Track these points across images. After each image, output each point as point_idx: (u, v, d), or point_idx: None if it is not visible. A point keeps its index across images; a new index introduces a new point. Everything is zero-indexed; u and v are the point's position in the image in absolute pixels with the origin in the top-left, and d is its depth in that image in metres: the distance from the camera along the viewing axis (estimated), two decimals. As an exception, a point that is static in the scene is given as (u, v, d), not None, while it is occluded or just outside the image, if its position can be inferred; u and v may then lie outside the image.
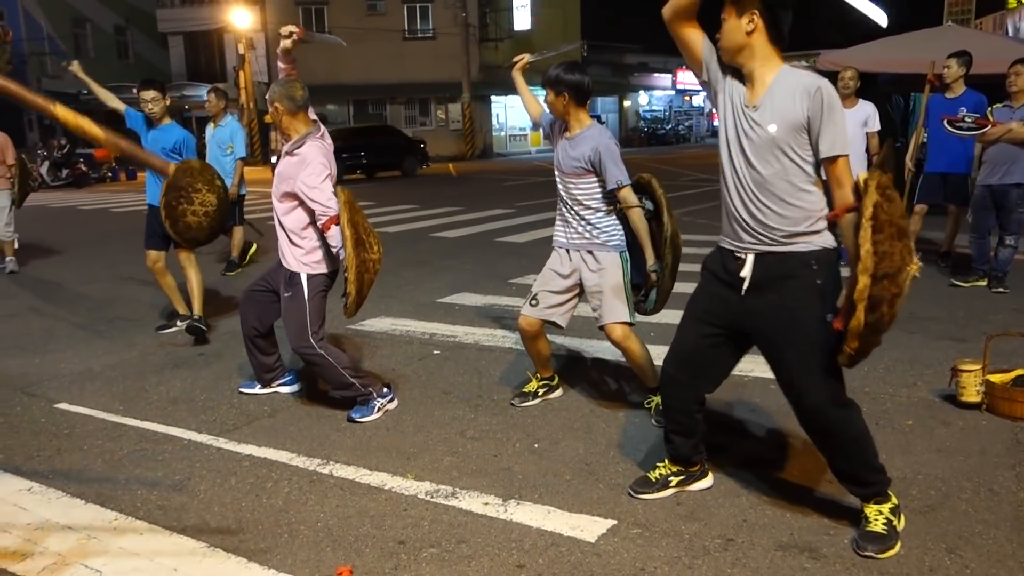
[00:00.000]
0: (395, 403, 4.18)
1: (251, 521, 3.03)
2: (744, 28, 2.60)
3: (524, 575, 2.62)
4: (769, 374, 4.39)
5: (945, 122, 6.93)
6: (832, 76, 9.01)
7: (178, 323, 5.87)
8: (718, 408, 4.00)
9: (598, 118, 44.70)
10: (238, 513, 3.10)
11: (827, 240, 2.67)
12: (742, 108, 2.68)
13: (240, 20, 30.89)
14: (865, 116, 7.20)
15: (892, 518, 2.72)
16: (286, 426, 4.00)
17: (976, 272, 6.63)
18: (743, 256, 2.73)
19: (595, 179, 3.71)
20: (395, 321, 6.05)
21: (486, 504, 3.10)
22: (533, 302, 3.97)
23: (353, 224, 3.74)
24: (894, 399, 4.10)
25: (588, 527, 2.89)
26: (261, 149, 32.71)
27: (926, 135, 7.24)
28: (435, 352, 5.22)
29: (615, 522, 2.93)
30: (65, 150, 22.96)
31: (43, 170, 21.68)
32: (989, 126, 6.40)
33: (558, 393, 4.29)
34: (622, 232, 3.79)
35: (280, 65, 4.12)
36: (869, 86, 8.42)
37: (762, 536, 2.80)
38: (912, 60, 9.46)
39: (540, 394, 4.22)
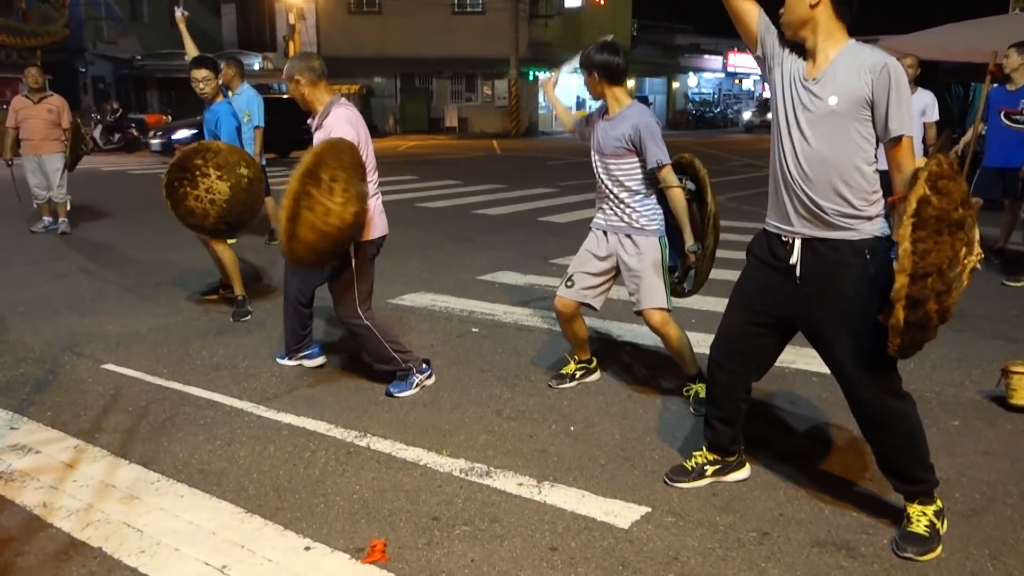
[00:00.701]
0: (433, 379, 4.20)
1: (288, 489, 3.07)
2: (809, 1, 2.54)
3: (556, 557, 2.62)
4: (810, 366, 4.34)
5: (1002, 115, 6.73)
6: (890, 63, 8.80)
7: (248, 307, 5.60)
8: (758, 399, 3.94)
9: (645, 99, 44.13)
10: (276, 481, 3.14)
11: (880, 227, 2.60)
12: (801, 81, 2.61)
13: (292, -10, 31.01)
14: (923, 105, 7.00)
15: (935, 521, 2.66)
16: (325, 397, 4.04)
17: None
18: (790, 241, 2.67)
19: (635, 159, 3.66)
20: (435, 297, 6.06)
21: (520, 485, 3.11)
22: (569, 283, 3.95)
23: (315, 166, 3.49)
24: (940, 398, 4.01)
25: (622, 513, 2.88)
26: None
27: (984, 127, 7.02)
28: (474, 330, 5.22)
29: (649, 509, 2.91)
30: (118, 114, 23.37)
31: (96, 134, 22.09)
32: None
33: (595, 376, 4.27)
34: (662, 216, 3.74)
35: None
36: (928, 74, 8.19)
37: (798, 531, 2.76)
38: (974, 49, 9.17)
39: (577, 376, 4.21)
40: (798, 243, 2.65)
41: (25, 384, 4.21)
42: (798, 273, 2.66)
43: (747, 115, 40.73)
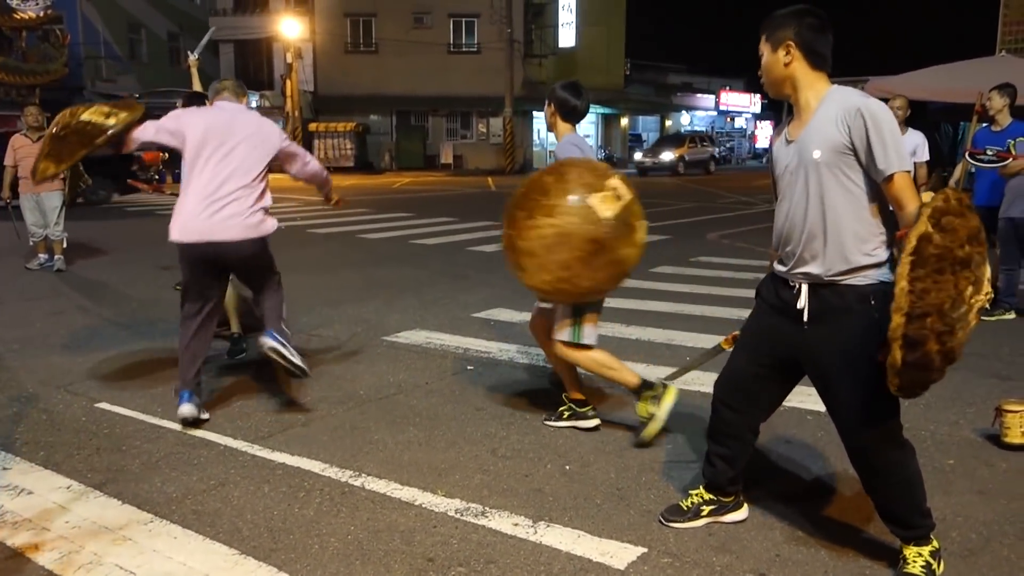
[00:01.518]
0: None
1: (282, 530, 3.05)
2: (782, 61, 2.61)
3: (552, 600, 2.60)
4: (805, 404, 4.35)
5: (967, 155, 6.90)
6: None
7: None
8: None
9: (639, 137, 44.44)
10: (270, 521, 3.13)
11: (887, 274, 2.57)
12: (786, 138, 2.67)
13: (289, 30, 31.45)
14: (914, 146, 7.11)
15: (932, 561, 2.66)
16: (319, 436, 4.03)
17: (1002, 305, 6.55)
18: (796, 285, 2.68)
19: None
20: (430, 335, 6.07)
21: (516, 525, 3.09)
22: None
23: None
24: (934, 437, 4.02)
25: (618, 553, 2.87)
26: (304, 157, 33.14)
27: (973, 167, 7.13)
28: (469, 367, 5.23)
29: (645, 550, 2.90)
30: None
31: (93, 170, 22.13)
32: (1011, 159, 6.38)
33: (588, 424, 4.11)
34: None
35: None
36: (918, 115, 8.32)
37: (795, 572, 2.75)
38: (962, 89, 9.34)
39: (565, 417, 4.17)
40: (804, 288, 2.66)
41: (18, 423, 4.20)
42: (805, 318, 2.67)
43: (638, 155, 34.93)
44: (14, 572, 2.75)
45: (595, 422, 4.11)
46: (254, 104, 33.20)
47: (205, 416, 4.20)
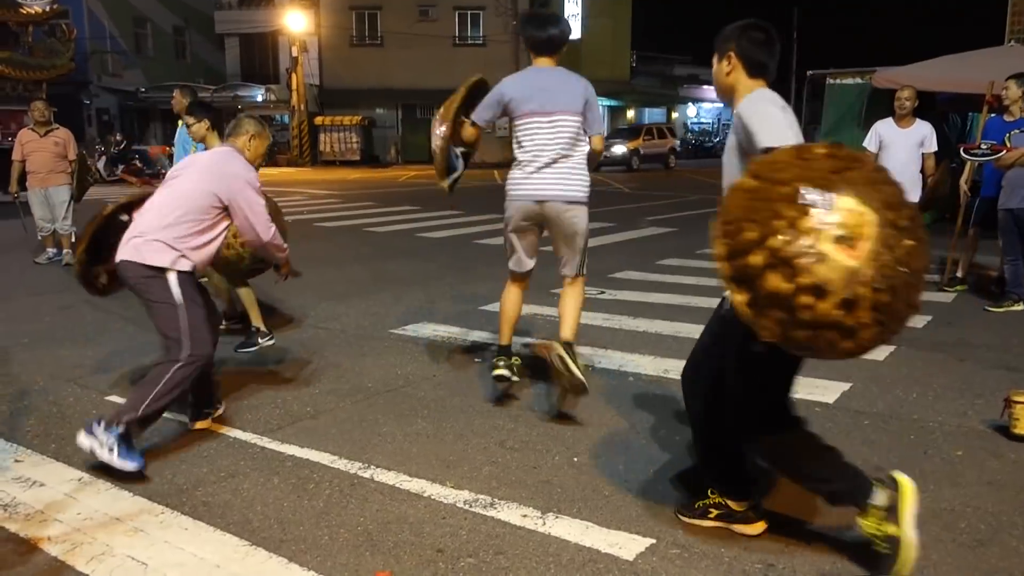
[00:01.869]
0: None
1: (292, 521, 3.07)
2: (724, 71, 2.81)
3: (561, 590, 2.61)
4: (812, 396, 4.36)
5: (961, 149, 6.90)
6: (889, 94, 8.89)
7: (260, 341, 5.46)
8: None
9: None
10: (280, 513, 3.14)
11: None
12: None
13: (294, 23, 31.44)
14: (921, 136, 7.08)
15: (883, 527, 2.56)
16: (328, 428, 4.04)
17: (1010, 296, 6.52)
18: None
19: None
20: (437, 327, 6.08)
21: (524, 516, 3.10)
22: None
23: None
24: (943, 428, 4.01)
25: (626, 544, 2.88)
26: (310, 151, 33.18)
27: (968, 161, 7.11)
28: (476, 360, 5.24)
29: (654, 541, 2.91)
30: (122, 146, 23.58)
31: (100, 165, 22.27)
32: (1004, 151, 6.36)
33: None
34: None
35: None
36: (926, 105, 8.29)
37: (804, 564, 2.76)
38: (971, 80, 9.29)
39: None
40: None
41: (29, 416, 4.22)
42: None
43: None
44: (27, 563, 2.77)
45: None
46: (259, 98, 33.23)
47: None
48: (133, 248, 3.68)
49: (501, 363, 4.48)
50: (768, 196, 2.23)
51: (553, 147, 4.19)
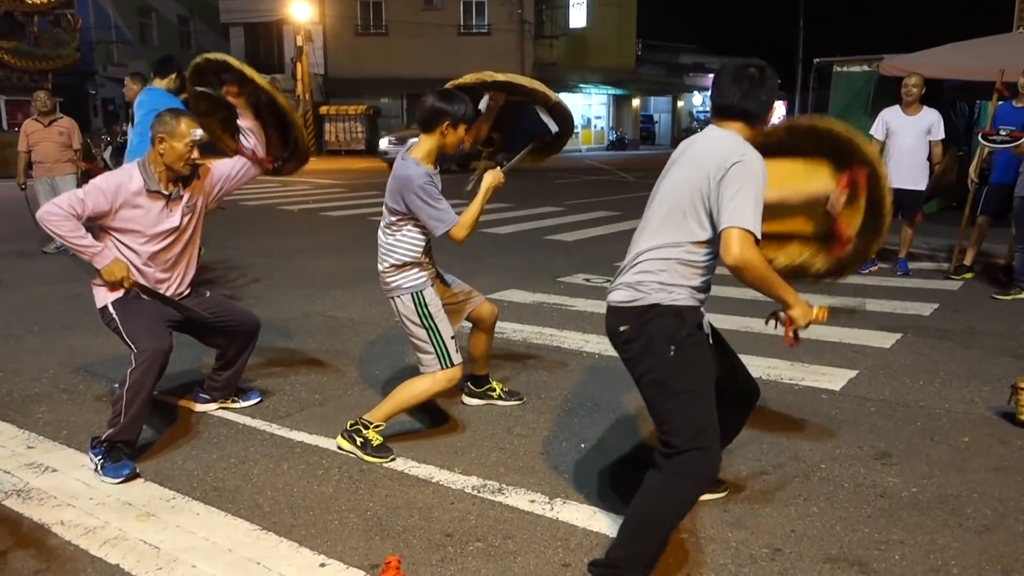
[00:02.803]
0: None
1: (302, 507, 3.10)
2: None
3: (569, 574, 2.63)
4: (819, 383, 4.37)
5: (980, 136, 6.84)
6: (896, 82, 8.84)
7: None
8: (768, 417, 3.96)
9: (651, 118, 44.07)
10: (290, 498, 3.17)
11: None
12: None
13: (300, 12, 31.34)
14: (928, 124, 7.07)
15: None
16: (336, 415, 4.07)
17: (1018, 284, 6.49)
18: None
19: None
20: (444, 315, 6.09)
21: (532, 501, 3.12)
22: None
23: None
24: (950, 415, 4.02)
25: (634, 529, 2.89)
26: (316, 140, 33.16)
27: (988, 148, 7.07)
28: (484, 348, 5.24)
29: (661, 526, 2.92)
30: (127, 136, 23.58)
31: (106, 155, 22.27)
32: None
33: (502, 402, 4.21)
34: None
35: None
36: (934, 93, 8.25)
37: (810, 547, 2.77)
38: (980, 67, 9.23)
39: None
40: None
41: (40, 403, 4.26)
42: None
43: (384, 142, 26.10)
44: (42, 547, 2.80)
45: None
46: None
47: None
48: None
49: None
50: None
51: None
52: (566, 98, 4.37)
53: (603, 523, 2.95)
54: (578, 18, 35.14)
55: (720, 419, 2.51)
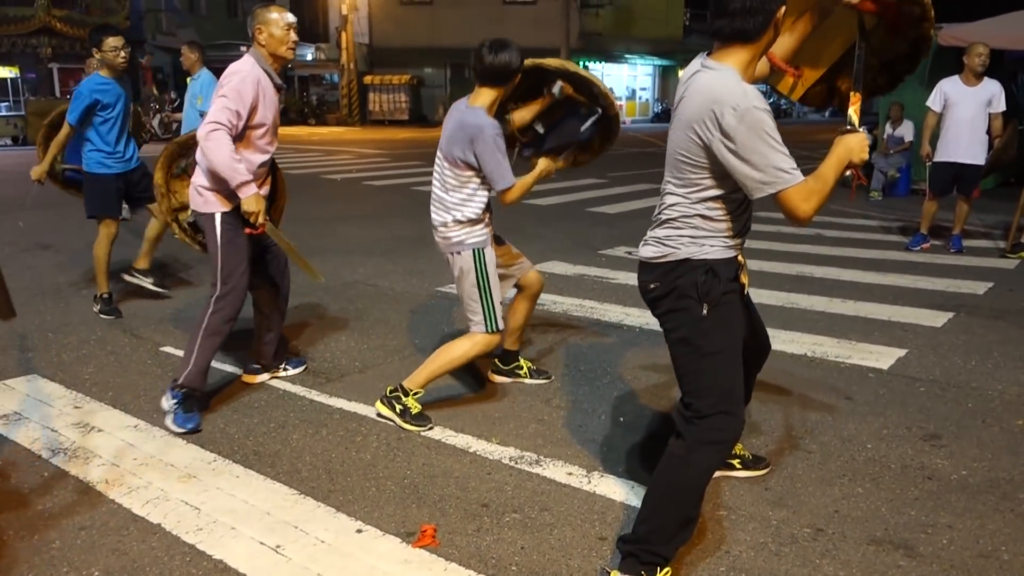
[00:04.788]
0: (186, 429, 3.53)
1: (340, 473, 3.11)
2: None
3: (606, 547, 2.61)
4: (866, 361, 4.26)
5: None
6: (954, 52, 8.52)
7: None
8: (813, 394, 3.88)
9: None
10: (328, 464, 3.19)
11: None
12: None
13: (345, -19, 31.29)
14: (990, 95, 6.80)
15: None
16: (375, 383, 4.08)
17: None
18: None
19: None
20: (485, 286, 6.06)
21: (570, 474, 3.10)
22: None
23: None
24: (1003, 396, 3.89)
25: (672, 505, 2.85)
26: (360, 110, 33.26)
27: None
28: (523, 319, 5.21)
29: (700, 502, 2.88)
30: (176, 104, 23.87)
31: (155, 123, 22.62)
32: None
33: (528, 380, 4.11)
34: None
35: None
36: (995, 64, 7.91)
37: (854, 529, 2.71)
38: (1044, 37, 8.85)
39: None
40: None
41: (87, 364, 4.34)
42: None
43: None
44: (88, 504, 2.86)
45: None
46: (308, 57, 33.30)
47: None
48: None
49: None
50: None
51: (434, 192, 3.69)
52: (611, 68, 4.26)
53: (640, 498, 2.90)
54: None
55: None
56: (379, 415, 3.61)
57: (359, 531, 2.70)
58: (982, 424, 3.57)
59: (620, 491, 2.96)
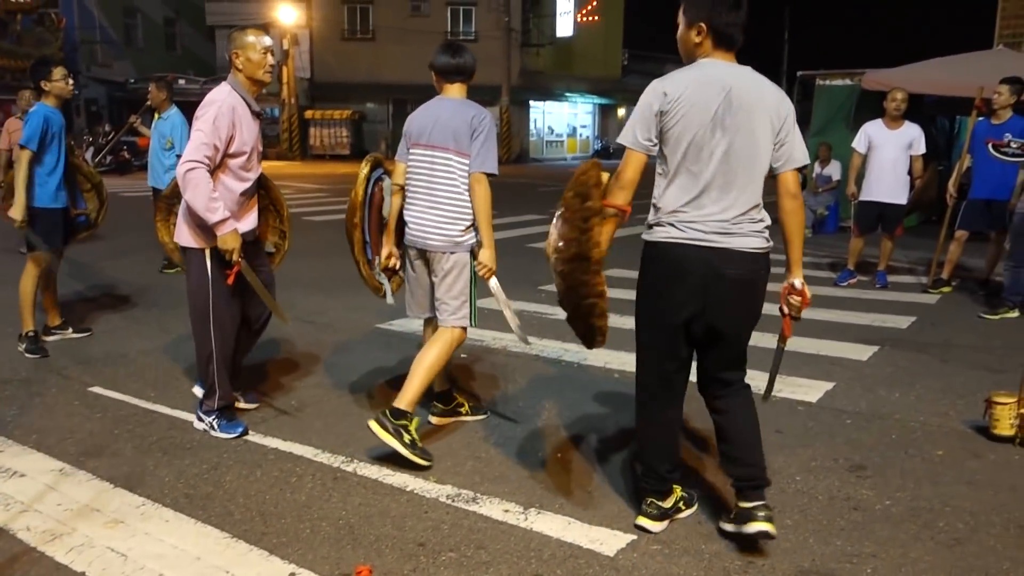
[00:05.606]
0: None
1: (274, 514, 3.06)
2: (693, 40, 2.83)
3: (541, 585, 2.61)
4: (795, 395, 4.37)
5: (990, 146, 6.83)
6: (877, 96, 8.92)
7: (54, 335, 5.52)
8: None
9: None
10: (262, 506, 3.13)
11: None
12: None
13: (286, 16, 31.27)
14: (911, 139, 7.12)
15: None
16: (312, 421, 4.03)
17: (1006, 303, 6.37)
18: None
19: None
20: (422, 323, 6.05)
21: (506, 511, 3.11)
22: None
23: None
24: (924, 428, 4.04)
25: (607, 540, 2.88)
26: (300, 145, 33.05)
27: (971, 161, 7.13)
28: (462, 356, 5.23)
29: (635, 537, 2.91)
30: (110, 137, 23.39)
31: (88, 156, 22.10)
32: None
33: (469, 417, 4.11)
34: None
35: None
36: (915, 108, 8.31)
37: (783, 560, 2.77)
38: (960, 83, 9.32)
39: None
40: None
41: (11, 406, 4.19)
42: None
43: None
44: (5, 553, 2.75)
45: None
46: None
47: None
48: None
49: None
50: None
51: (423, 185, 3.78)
52: (552, 106, 4.44)
53: (577, 533, 2.93)
54: (565, 27, 35.23)
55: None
56: (383, 441, 3.41)
57: (292, 574, 2.66)
58: (905, 455, 3.70)
59: (556, 527, 2.98)
